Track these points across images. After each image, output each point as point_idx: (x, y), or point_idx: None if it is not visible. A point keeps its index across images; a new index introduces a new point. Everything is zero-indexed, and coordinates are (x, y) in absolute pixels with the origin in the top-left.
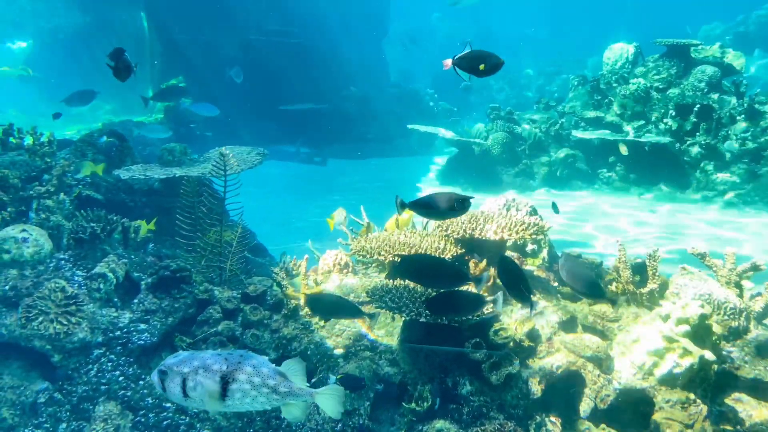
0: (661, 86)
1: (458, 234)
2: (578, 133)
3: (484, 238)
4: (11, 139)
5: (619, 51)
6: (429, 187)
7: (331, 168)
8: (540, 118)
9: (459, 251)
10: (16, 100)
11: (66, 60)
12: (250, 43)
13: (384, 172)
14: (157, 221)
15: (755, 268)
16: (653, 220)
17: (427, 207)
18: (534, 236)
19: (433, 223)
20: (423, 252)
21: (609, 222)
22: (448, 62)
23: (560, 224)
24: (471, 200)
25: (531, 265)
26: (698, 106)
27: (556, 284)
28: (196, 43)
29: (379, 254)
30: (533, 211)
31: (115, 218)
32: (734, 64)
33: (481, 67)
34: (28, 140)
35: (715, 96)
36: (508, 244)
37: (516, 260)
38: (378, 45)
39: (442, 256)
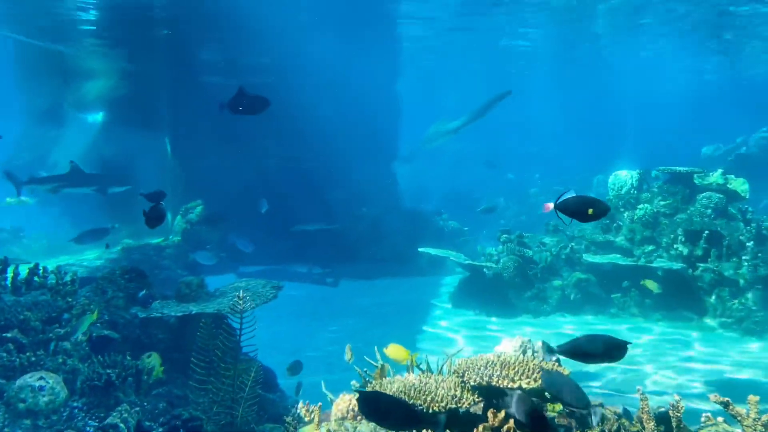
0: (668, 212)
1: (475, 381)
2: (589, 258)
3: (501, 386)
4: (36, 278)
5: (623, 177)
6: (440, 311)
7: (343, 289)
8: (550, 241)
9: (476, 399)
10: (40, 223)
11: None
12: (265, 168)
13: (396, 294)
14: (170, 357)
15: None
16: (674, 351)
17: (580, 353)
18: None
19: (448, 367)
20: (438, 398)
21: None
22: (550, 206)
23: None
24: (629, 345)
25: (551, 412)
26: (707, 232)
27: None
28: (215, 169)
29: None
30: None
31: (130, 363)
32: (738, 191)
33: (590, 211)
34: (53, 279)
35: (723, 222)
36: (527, 389)
37: (537, 408)
38: (388, 166)
39: (458, 406)
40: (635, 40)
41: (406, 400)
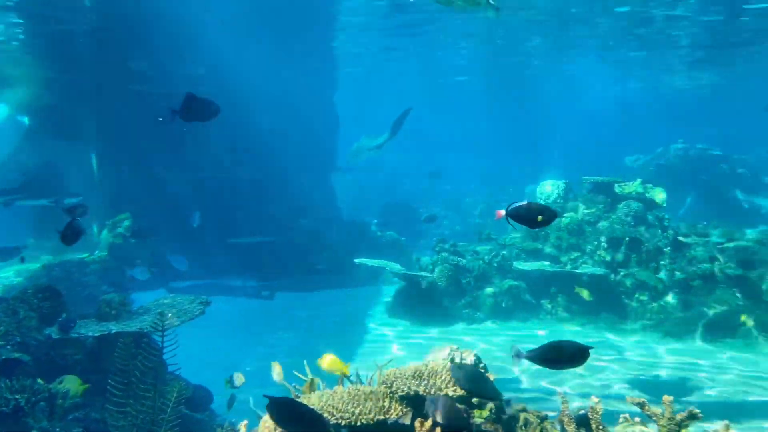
0: (591, 220)
1: (403, 391)
2: (519, 265)
3: (428, 394)
4: None
5: (550, 187)
6: (377, 321)
7: (279, 302)
8: (482, 249)
9: (405, 409)
10: None
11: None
12: (199, 180)
13: (332, 306)
14: (88, 379)
15: (693, 416)
16: (597, 354)
17: (547, 358)
18: None
19: (378, 378)
20: (366, 410)
21: None
22: (501, 213)
23: (501, 360)
24: (591, 350)
25: (478, 418)
26: (627, 239)
27: None
28: (145, 182)
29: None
30: (477, 361)
31: (41, 386)
32: (656, 199)
33: (539, 218)
34: None
35: (642, 229)
36: (454, 397)
37: (463, 413)
38: (327, 177)
39: (386, 417)
40: (563, 54)
41: (333, 412)
